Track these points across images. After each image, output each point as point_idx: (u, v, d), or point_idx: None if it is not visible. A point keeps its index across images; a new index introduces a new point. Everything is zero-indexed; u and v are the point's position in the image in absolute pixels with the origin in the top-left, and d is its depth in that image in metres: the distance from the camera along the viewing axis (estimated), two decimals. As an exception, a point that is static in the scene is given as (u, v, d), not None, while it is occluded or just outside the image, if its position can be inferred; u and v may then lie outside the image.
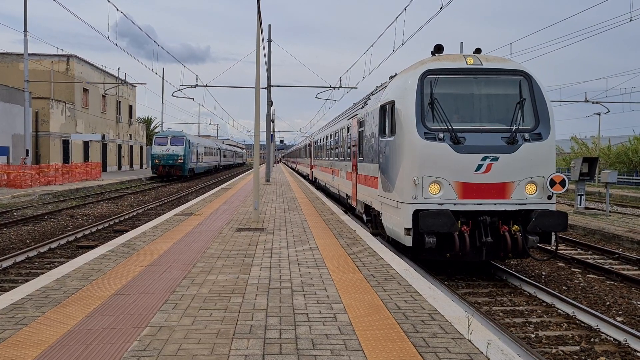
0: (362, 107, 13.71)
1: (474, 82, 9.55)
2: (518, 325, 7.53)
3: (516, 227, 9.19)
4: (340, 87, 30.93)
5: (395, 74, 11.59)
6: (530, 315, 8.03)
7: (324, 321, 4.90)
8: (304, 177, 40.06)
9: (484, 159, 9.03)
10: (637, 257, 11.97)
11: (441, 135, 9.08)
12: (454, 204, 9.06)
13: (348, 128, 16.32)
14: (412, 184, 9.09)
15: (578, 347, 6.66)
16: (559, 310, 8.21)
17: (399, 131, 9.52)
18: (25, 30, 30.55)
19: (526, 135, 9.28)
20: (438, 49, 10.06)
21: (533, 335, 7.03)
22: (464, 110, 9.47)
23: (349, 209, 17.59)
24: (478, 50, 10.20)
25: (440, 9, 12.88)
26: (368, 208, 12.64)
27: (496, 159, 9.05)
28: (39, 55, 44.01)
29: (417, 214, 8.93)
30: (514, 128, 9.32)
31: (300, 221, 12.34)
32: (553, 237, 9.54)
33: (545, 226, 9.05)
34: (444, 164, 9.01)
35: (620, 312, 8.25)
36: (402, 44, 16.81)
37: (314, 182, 32.15)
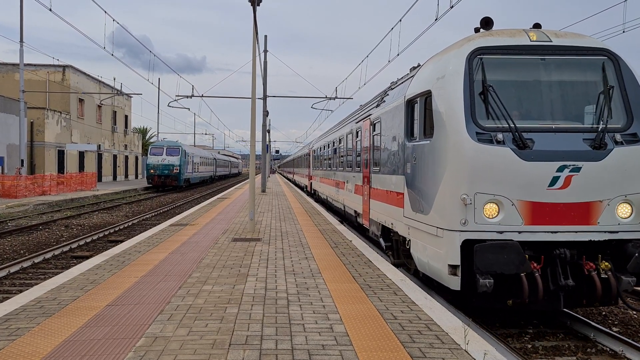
0: (377, 106, 11.31)
1: (541, 64, 7.20)
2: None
3: (606, 264, 6.74)
4: (336, 97, 31.06)
5: (419, 65, 9.51)
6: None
7: (320, 331, 4.88)
8: (301, 188, 38.94)
9: (560, 169, 6.64)
10: None
11: (500, 136, 6.69)
12: (519, 232, 6.65)
13: (357, 132, 13.83)
14: (460, 203, 6.65)
15: (574, 357, 6.65)
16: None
17: (438, 132, 7.14)
18: (21, 41, 30.58)
19: (617, 137, 6.84)
20: (486, 22, 7.58)
21: (529, 346, 7.02)
22: (529, 103, 7.13)
23: (357, 229, 14.99)
24: (537, 26, 7.69)
25: (435, 20, 12.98)
26: (387, 231, 10.21)
27: (578, 169, 6.64)
28: (34, 65, 44.00)
29: (468, 246, 6.64)
30: (600, 127, 6.88)
31: (296, 231, 12.32)
32: None
33: None
34: (504, 176, 6.63)
35: None
36: (398, 54, 16.93)
37: (313, 195, 29.49)
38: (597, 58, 7.30)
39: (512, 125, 6.72)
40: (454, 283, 6.70)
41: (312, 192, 30.18)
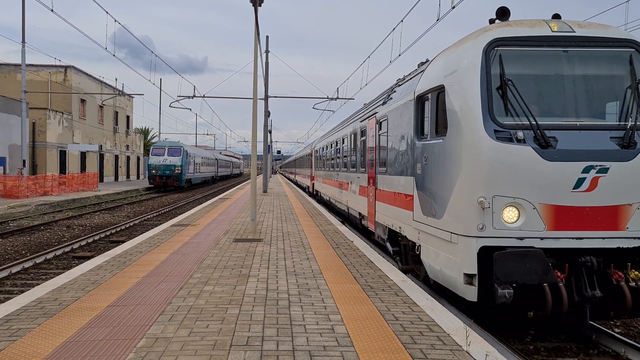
0: (384, 104, 10.80)
1: (564, 57, 6.69)
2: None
3: (636, 273, 6.26)
4: (338, 98, 31.06)
5: (427, 60, 9.02)
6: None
7: (322, 332, 4.87)
8: (303, 189, 38.71)
9: (586, 169, 6.17)
10: None
11: (521, 134, 6.23)
12: (541, 239, 6.19)
13: (362, 132, 13.29)
14: (477, 207, 6.21)
15: (576, 359, 6.63)
16: None
17: (452, 129, 6.70)
18: (23, 41, 30.63)
19: None
20: (502, 13, 7.13)
21: (531, 347, 7.01)
22: (551, 98, 6.63)
23: (362, 231, 14.43)
24: (557, 16, 7.17)
25: (437, 20, 12.97)
26: (394, 235, 9.72)
27: (605, 170, 6.20)
28: (36, 65, 44.06)
29: (485, 253, 6.20)
30: (628, 124, 6.43)
31: (297, 232, 12.31)
32: None
33: None
34: (525, 178, 6.18)
35: None
36: (399, 55, 16.91)
37: (315, 196, 28.89)
38: (624, 50, 6.76)
39: (534, 123, 6.24)
40: (470, 293, 6.19)
41: (315, 193, 29.66)
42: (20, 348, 4.40)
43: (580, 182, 6.19)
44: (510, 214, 6.23)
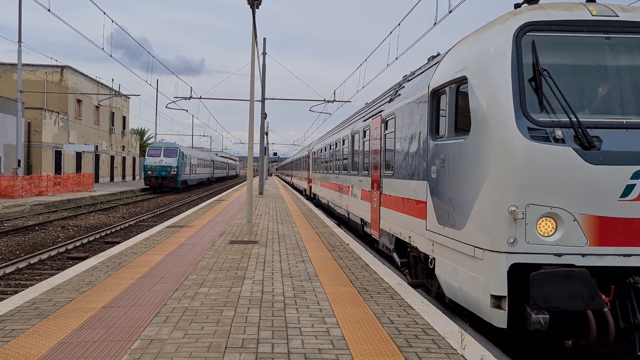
0: (390, 101, 9.94)
1: (606, 45, 5.80)
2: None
3: None
4: (335, 100, 31.13)
5: (438, 54, 8.32)
6: None
7: (317, 335, 4.87)
8: (300, 192, 38.45)
9: (636, 175, 5.32)
10: None
11: (559, 132, 5.34)
12: (583, 255, 5.29)
13: (364, 132, 12.43)
14: (508, 218, 5.30)
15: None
16: None
17: (477, 127, 5.80)
18: (20, 41, 30.55)
19: None
20: None
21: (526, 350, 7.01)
22: (592, 92, 5.77)
23: (363, 238, 13.71)
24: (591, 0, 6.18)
25: (434, 24, 13.01)
26: (402, 244, 8.89)
27: None
28: (32, 65, 43.95)
29: (518, 271, 5.31)
30: None
31: (293, 234, 12.31)
32: None
33: None
34: (565, 184, 5.31)
35: None
36: (396, 58, 16.94)
37: (313, 199, 28.17)
38: None
39: (575, 120, 5.34)
40: (498, 319, 5.26)
41: (312, 196, 28.89)
42: (14, 349, 4.38)
43: (629, 189, 5.32)
44: (546, 226, 5.33)
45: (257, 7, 12.67)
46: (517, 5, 6.24)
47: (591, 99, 5.74)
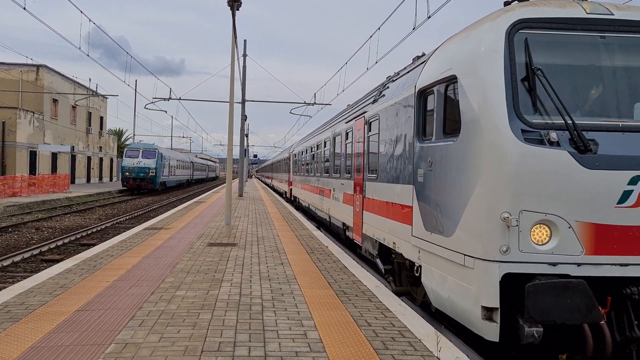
0: (374, 102, 9.61)
1: (601, 44, 5.60)
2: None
3: None
4: (315, 103, 31.17)
5: (424, 54, 8.07)
6: None
7: (294, 338, 4.86)
8: (280, 194, 38.26)
9: (634, 180, 5.08)
10: None
11: (554, 135, 5.11)
12: (578, 265, 5.06)
13: (347, 134, 12.10)
14: (500, 225, 5.04)
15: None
16: None
17: (468, 129, 5.54)
18: (-6, 38, 29.93)
19: None
20: None
21: (503, 353, 7.10)
22: (587, 94, 5.58)
23: (343, 242, 13.36)
24: None
25: (413, 29, 13.13)
26: (386, 250, 8.56)
27: None
28: (7, 64, 43.11)
29: (511, 282, 5.07)
30: None
31: (272, 236, 12.28)
32: None
33: None
34: (560, 189, 5.07)
35: None
36: (376, 62, 17.05)
37: (294, 202, 27.73)
38: None
39: (570, 122, 5.09)
40: (490, 332, 5.00)
41: (292, 198, 28.41)
42: (-16, 354, 4.28)
43: (626, 195, 5.07)
44: (540, 234, 5.07)
45: (238, 9, 12.64)
46: (506, 3, 6.01)
47: (586, 100, 5.54)
